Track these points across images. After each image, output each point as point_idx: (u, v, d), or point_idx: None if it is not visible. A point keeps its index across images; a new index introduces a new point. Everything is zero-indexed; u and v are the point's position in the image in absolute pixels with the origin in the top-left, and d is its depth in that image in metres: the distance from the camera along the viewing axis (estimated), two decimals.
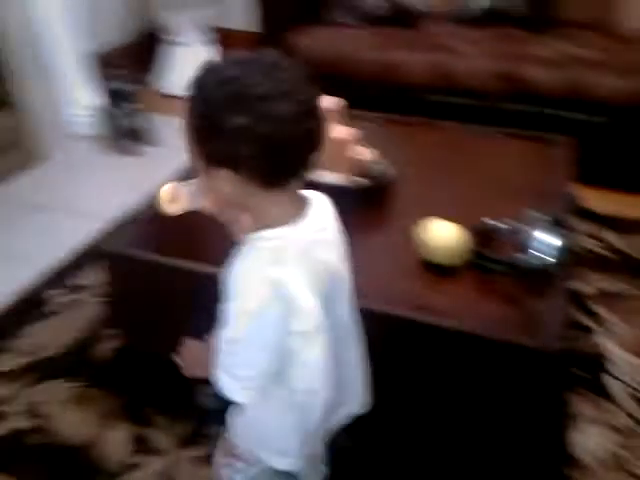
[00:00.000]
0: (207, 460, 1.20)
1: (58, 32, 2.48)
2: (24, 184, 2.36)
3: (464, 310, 1.14)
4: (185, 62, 3.08)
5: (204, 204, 0.84)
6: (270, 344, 0.78)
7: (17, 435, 1.38)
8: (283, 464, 0.91)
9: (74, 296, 1.80)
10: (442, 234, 1.23)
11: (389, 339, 1.17)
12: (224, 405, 0.89)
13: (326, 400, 0.87)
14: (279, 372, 0.82)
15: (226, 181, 0.75)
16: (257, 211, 0.79)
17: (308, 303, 0.78)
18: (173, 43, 3.07)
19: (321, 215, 0.84)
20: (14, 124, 2.38)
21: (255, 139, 0.72)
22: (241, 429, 0.94)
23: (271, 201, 0.78)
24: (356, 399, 0.97)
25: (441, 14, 2.53)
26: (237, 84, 0.72)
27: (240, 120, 0.71)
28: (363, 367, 0.97)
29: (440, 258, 1.22)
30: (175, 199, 0.91)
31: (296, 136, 0.74)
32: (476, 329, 1.10)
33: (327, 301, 0.82)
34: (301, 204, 0.82)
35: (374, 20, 2.50)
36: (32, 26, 2.40)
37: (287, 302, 0.76)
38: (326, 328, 0.82)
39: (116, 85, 2.51)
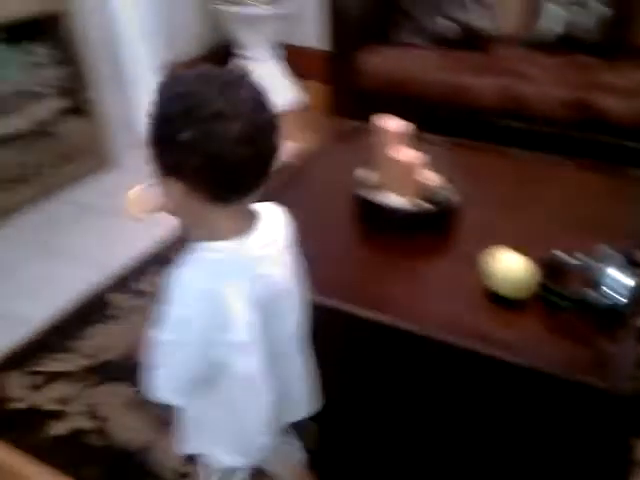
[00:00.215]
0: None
1: (136, 43, 2.58)
2: (95, 188, 2.45)
3: (529, 345, 1.11)
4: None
5: (166, 208, 0.83)
6: (198, 351, 0.80)
7: (77, 435, 1.42)
8: (231, 461, 0.93)
9: (136, 301, 1.85)
10: (509, 265, 1.20)
11: (449, 369, 1.15)
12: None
13: (264, 406, 0.88)
14: (211, 380, 0.84)
15: (176, 190, 0.76)
16: (204, 222, 0.80)
17: (243, 316, 0.79)
18: (243, 57, 3.13)
19: (270, 229, 0.85)
20: (90, 130, 2.48)
21: (201, 155, 0.73)
22: (188, 437, 0.95)
23: (217, 214, 0.79)
24: (300, 408, 0.99)
25: (512, 38, 2.50)
26: (193, 99, 0.73)
27: (189, 135, 0.72)
28: (308, 378, 0.98)
29: (506, 290, 1.19)
30: (141, 202, 0.90)
31: (244, 157, 0.74)
32: (541, 366, 1.07)
33: (267, 316, 0.83)
34: (250, 219, 0.83)
35: (443, 42, 2.49)
36: (112, 37, 2.49)
37: (221, 314, 0.78)
38: (262, 341, 0.83)
39: None
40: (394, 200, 1.39)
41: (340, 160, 1.84)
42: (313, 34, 3.02)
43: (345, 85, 2.57)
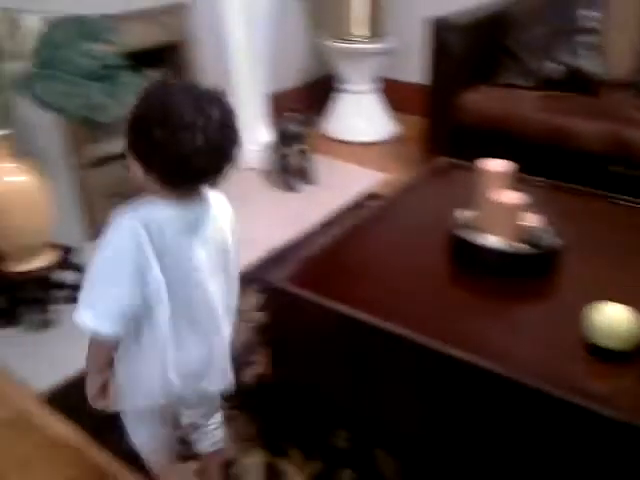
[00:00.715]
0: None
1: (244, 72, 2.71)
2: None
3: (630, 400, 1.07)
4: (351, 109, 3.23)
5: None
6: (125, 281, 0.93)
7: None
8: (142, 404, 1.08)
9: None
10: (612, 316, 1.16)
11: (543, 419, 1.12)
12: None
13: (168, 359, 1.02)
14: (136, 323, 0.98)
15: (138, 169, 0.94)
16: (154, 190, 0.95)
17: (157, 270, 0.95)
18: (343, 90, 3.22)
19: (209, 214, 1.04)
20: None
21: (165, 154, 0.90)
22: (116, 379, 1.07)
23: (163, 193, 0.95)
24: (218, 378, 1.12)
25: (622, 82, 2.43)
26: (171, 108, 0.89)
27: (160, 136, 0.88)
28: (225, 352, 1.12)
29: (608, 342, 1.15)
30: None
31: (199, 164, 0.91)
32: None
33: (177, 285, 0.99)
34: (190, 202, 0.99)
35: (548, 83, 2.45)
36: (223, 66, 2.63)
37: (144, 257, 0.93)
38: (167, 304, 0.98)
39: (287, 125, 2.67)
40: (493, 242, 1.37)
41: (435, 196, 1.84)
42: (414, 69, 3.06)
43: (443, 121, 2.58)
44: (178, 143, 0.89)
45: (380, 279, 1.43)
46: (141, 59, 1.68)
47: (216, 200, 1.07)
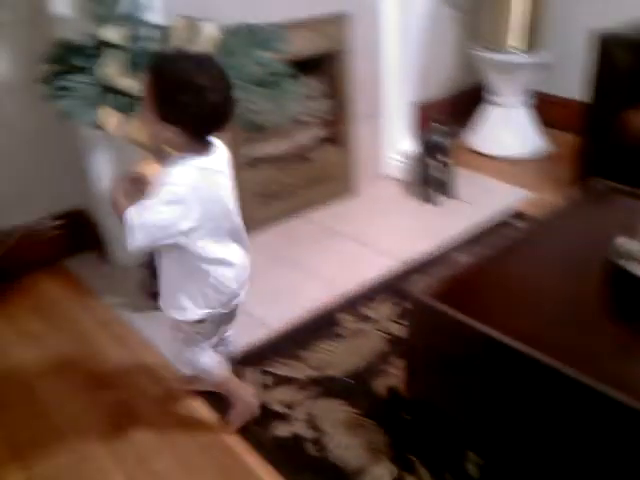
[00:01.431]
0: None
1: (393, 81, 2.72)
2: (335, 212, 2.62)
3: None
4: (499, 123, 3.13)
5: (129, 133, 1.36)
6: (166, 225, 1.22)
7: (297, 440, 1.51)
8: (192, 315, 1.37)
9: (362, 325, 1.93)
10: None
11: None
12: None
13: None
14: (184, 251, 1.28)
15: (170, 131, 1.20)
16: (182, 147, 1.23)
17: (217, 204, 1.29)
18: (492, 103, 3.13)
19: (220, 154, 1.31)
20: (340, 159, 2.67)
21: (193, 112, 1.17)
22: (165, 299, 1.39)
23: (192, 143, 1.23)
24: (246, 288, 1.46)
25: None
26: (188, 75, 1.16)
27: (186, 99, 1.16)
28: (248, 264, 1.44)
29: None
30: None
31: (218, 113, 1.22)
32: None
33: (221, 213, 1.31)
34: (209, 146, 1.28)
35: None
36: (374, 75, 2.66)
37: (194, 202, 1.21)
38: (211, 228, 1.28)
39: (432, 136, 2.65)
40: None
41: (590, 221, 1.74)
42: (570, 84, 2.91)
43: (602, 141, 2.43)
44: (202, 101, 1.16)
45: (527, 304, 1.38)
46: (299, 66, 1.74)
47: (217, 142, 1.32)
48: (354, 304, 2.03)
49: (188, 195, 1.20)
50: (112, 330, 1.66)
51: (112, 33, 1.47)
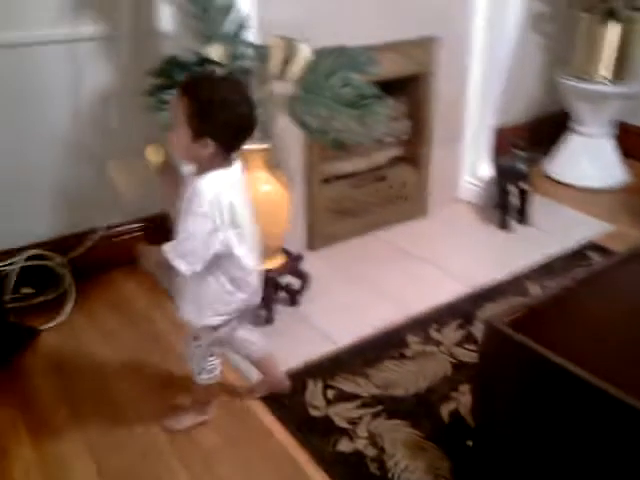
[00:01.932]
0: None
1: (475, 104, 2.71)
2: (407, 232, 2.62)
3: None
4: (581, 152, 3.06)
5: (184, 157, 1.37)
6: (206, 237, 1.31)
7: (359, 457, 1.53)
8: (216, 321, 1.44)
9: (428, 347, 1.93)
10: None
11: None
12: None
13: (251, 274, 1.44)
14: (217, 259, 1.35)
15: (207, 146, 1.29)
16: (212, 161, 1.31)
17: (242, 212, 1.36)
18: (575, 131, 3.07)
19: (237, 166, 1.38)
20: (416, 180, 2.68)
21: (230, 125, 1.30)
22: (187, 307, 1.46)
23: (222, 157, 1.33)
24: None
25: None
26: (223, 92, 1.29)
27: (224, 115, 1.27)
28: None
29: None
30: (158, 154, 1.40)
31: (249, 126, 1.34)
32: None
33: (247, 214, 1.41)
34: (232, 160, 1.36)
35: None
36: (456, 98, 2.66)
37: (225, 211, 1.31)
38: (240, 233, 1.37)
39: (511, 161, 2.62)
40: None
41: None
42: None
43: None
44: (237, 115, 1.29)
45: (604, 339, 1.35)
46: (383, 87, 1.77)
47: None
48: (422, 326, 2.03)
49: (219, 205, 1.30)
50: (185, 332, 1.72)
51: (214, 51, 1.55)
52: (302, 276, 2.11)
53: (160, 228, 2.34)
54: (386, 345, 1.93)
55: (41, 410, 1.69)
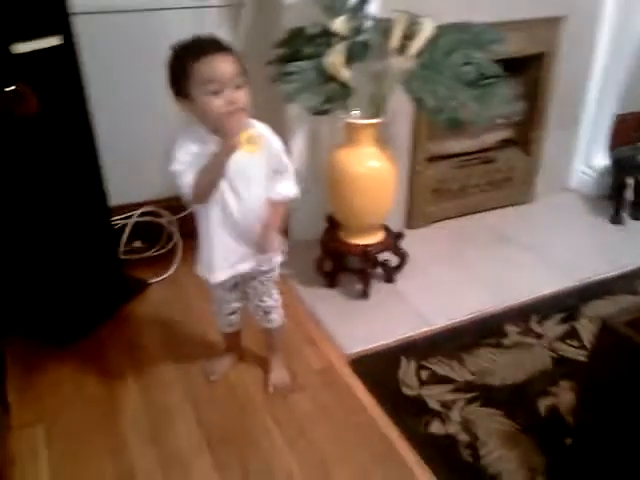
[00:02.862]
0: None
1: (597, 89, 2.57)
2: (510, 218, 2.56)
3: None
4: None
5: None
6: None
7: (451, 441, 1.52)
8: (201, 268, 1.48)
9: (527, 339, 1.87)
10: None
11: None
12: None
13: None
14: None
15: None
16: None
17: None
18: None
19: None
20: (524, 164, 2.58)
21: None
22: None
23: None
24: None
25: None
26: None
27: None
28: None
29: None
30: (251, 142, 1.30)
31: None
32: None
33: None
34: None
35: None
36: (578, 82, 2.53)
37: None
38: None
39: (630, 152, 2.47)
40: None
41: None
42: None
43: None
44: None
45: None
46: (505, 66, 1.70)
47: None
48: (522, 316, 1.97)
49: None
50: (283, 300, 1.75)
51: (339, 23, 1.54)
52: (400, 254, 2.09)
53: None
54: (483, 332, 1.90)
55: (147, 358, 1.79)
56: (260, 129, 1.36)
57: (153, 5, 2.00)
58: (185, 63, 1.24)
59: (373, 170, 1.84)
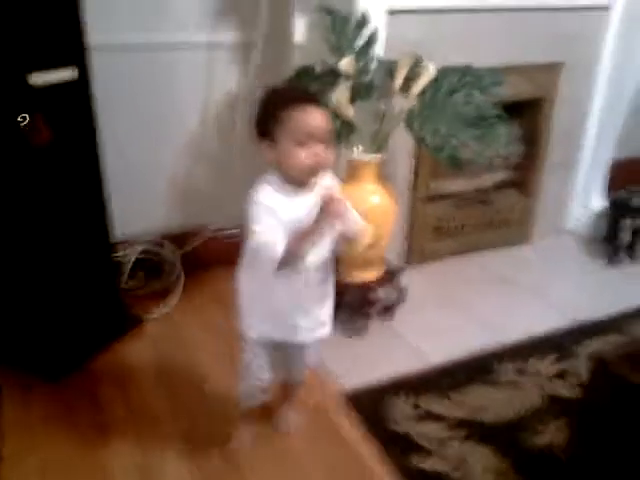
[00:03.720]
0: None
1: (594, 134, 2.63)
2: (507, 258, 2.58)
3: None
4: None
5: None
6: None
7: (442, 478, 1.51)
8: (249, 325, 1.41)
9: (520, 377, 1.88)
10: None
11: None
12: None
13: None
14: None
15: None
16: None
17: None
18: None
19: None
20: (522, 205, 2.62)
21: None
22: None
23: None
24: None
25: None
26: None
27: None
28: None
29: None
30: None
31: None
32: None
33: None
34: None
35: None
36: (575, 127, 2.60)
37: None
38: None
39: (627, 196, 2.52)
40: None
41: None
42: None
43: None
44: None
45: None
46: (506, 110, 1.76)
47: None
48: (516, 355, 1.98)
49: None
50: None
51: (345, 64, 1.59)
52: (399, 290, 2.12)
53: None
54: (477, 370, 1.90)
55: (140, 394, 1.76)
56: (333, 186, 1.32)
57: (165, 42, 2.05)
58: (281, 107, 1.21)
59: (373, 206, 1.87)
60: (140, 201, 2.21)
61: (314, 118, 1.20)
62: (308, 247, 1.21)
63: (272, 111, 1.22)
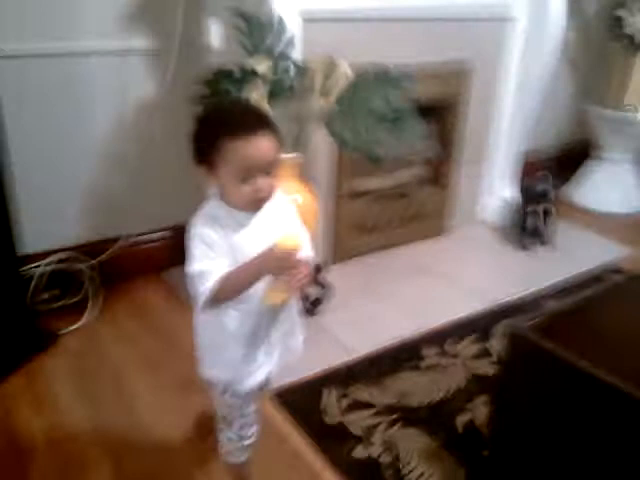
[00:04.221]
0: None
1: (502, 130, 2.78)
2: (426, 250, 2.69)
3: None
4: (604, 179, 3.11)
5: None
6: None
7: (374, 464, 1.55)
8: (210, 374, 1.27)
9: (444, 360, 1.97)
10: None
11: None
12: None
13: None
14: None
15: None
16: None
17: None
18: (599, 158, 3.11)
19: None
20: (438, 200, 2.74)
21: None
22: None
23: None
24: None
25: None
26: None
27: None
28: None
29: None
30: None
31: None
32: None
33: None
34: None
35: None
36: (484, 124, 2.74)
37: None
38: None
39: (535, 183, 2.68)
40: None
41: None
42: None
43: None
44: None
45: (628, 353, 1.34)
46: (423, 112, 1.85)
47: None
48: (438, 339, 2.07)
49: None
50: None
51: (258, 64, 1.61)
52: (324, 286, 2.16)
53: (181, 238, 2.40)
54: (402, 357, 1.97)
55: (57, 410, 1.70)
56: (288, 213, 1.25)
57: (76, 49, 2.00)
58: (218, 137, 1.07)
59: (297, 206, 1.89)
60: (53, 212, 2.15)
61: (258, 149, 1.06)
62: (252, 281, 1.10)
63: (210, 139, 1.08)
